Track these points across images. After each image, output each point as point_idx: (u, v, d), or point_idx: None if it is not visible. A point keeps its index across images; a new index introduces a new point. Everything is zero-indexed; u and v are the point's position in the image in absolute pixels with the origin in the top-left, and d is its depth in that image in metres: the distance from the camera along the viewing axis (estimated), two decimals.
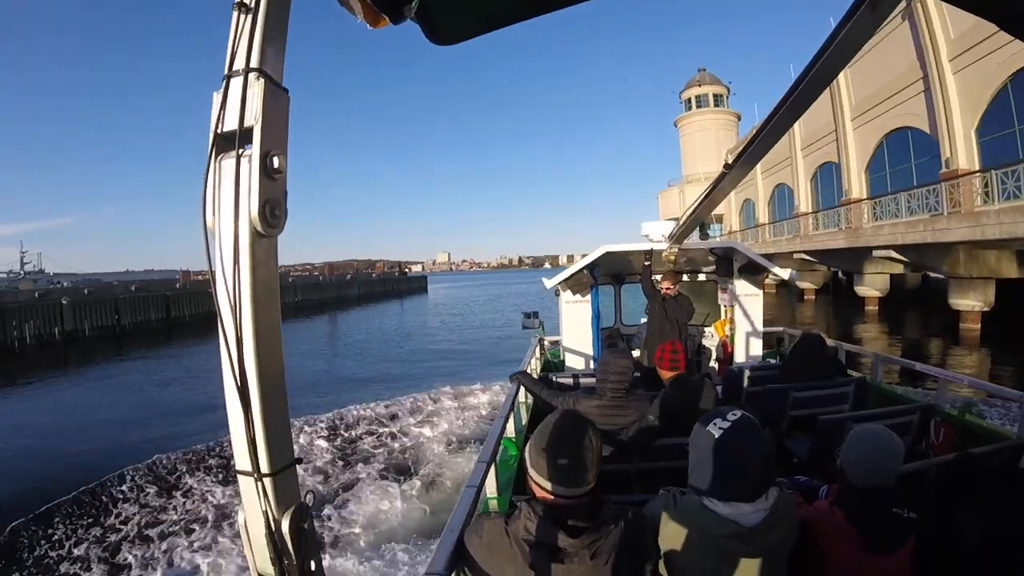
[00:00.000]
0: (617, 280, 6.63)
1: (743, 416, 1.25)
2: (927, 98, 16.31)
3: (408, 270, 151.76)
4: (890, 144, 19.24)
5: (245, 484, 0.75)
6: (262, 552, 0.76)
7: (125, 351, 21.23)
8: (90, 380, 15.34)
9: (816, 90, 1.46)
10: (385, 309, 42.21)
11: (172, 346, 22.63)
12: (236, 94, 0.71)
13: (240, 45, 0.71)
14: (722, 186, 2.55)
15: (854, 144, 21.17)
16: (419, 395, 10.33)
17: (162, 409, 11.21)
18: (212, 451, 7.64)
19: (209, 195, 0.74)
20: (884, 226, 16.69)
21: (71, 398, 13.05)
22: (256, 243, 0.72)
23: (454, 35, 1.03)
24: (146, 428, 9.64)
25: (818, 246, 20.92)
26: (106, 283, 43.54)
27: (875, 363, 4.17)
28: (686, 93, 45.17)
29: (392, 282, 70.53)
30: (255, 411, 0.73)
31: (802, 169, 26.69)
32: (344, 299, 49.14)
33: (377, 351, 19.02)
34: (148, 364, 17.77)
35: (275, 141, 0.72)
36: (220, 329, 0.73)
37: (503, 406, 2.97)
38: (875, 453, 1.44)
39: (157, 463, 7.17)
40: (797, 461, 2.92)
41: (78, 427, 10.09)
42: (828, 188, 24.36)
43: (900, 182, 18.11)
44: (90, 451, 8.45)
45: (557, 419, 1.30)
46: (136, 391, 13.40)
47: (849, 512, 1.40)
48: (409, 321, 31.56)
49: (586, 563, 1.17)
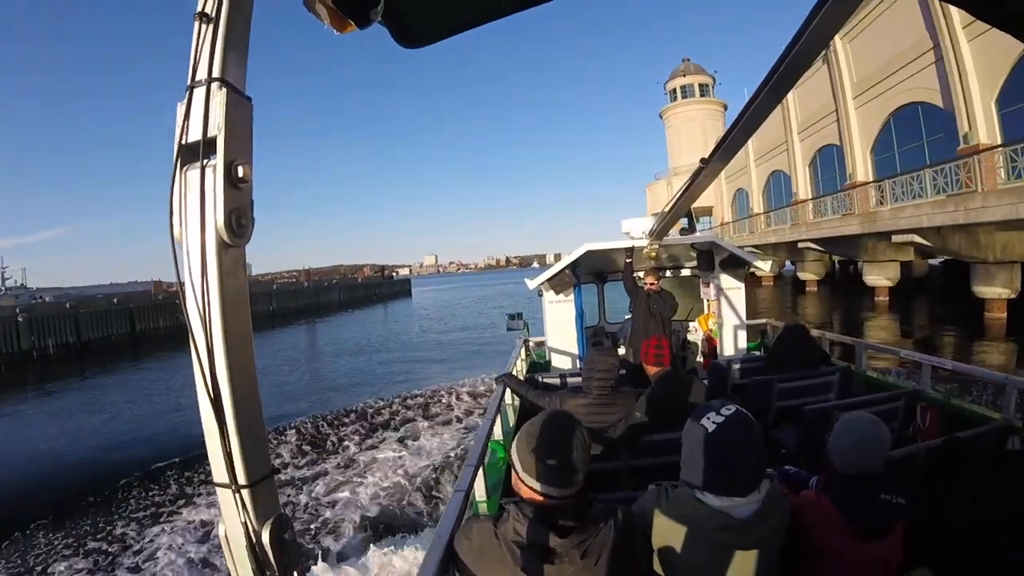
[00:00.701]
0: (600, 278, 6.91)
1: (737, 411, 1.32)
2: (939, 70, 15.94)
3: (395, 274, 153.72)
4: (898, 122, 18.98)
5: (224, 496, 0.79)
6: (244, 564, 0.80)
7: (88, 369, 20.96)
8: (44, 404, 15.17)
9: (793, 77, 1.55)
10: (366, 315, 42.38)
11: (140, 362, 22.40)
12: (199, 104, 0.75)
13: (202, 55, 0.75)
14: (700, 181, 2.69)
15: (857, 124, 21.06)
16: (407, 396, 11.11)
17: (117, 437, 11.00)
18: (183, 466, 7.85)
19: (176, 206, 0.77)
20: (906, 208, 15.96)
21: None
22: (223, 253, 0.76)
23: (423, 37, 1.07)
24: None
25: (826, 233, 20.50)
26: (88, 296, 43.53)
27: (859, 351, 4.38)
28: (671, 84, 46.20)
29: (375, 286, 70.75)
30: (229, 422, 0.77)
31: (799, 154, 26.64)
32: (323, 306, 49.47)
33: (350, 363, 18.81)
34: (107, 384, 17.59)
35: (239, 150, 0.76)
36: (191, 341, 0.76)
37: (489, 409, 3.06)
38: (862, 440, 1.51)
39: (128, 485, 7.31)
40: (785, 452, 3.06)
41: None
42: (829, 172, 24.28)
43: (910, 162, 17.85)
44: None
45: (546, 419, 1.36)
46: (97, 413, 13.18)
47: (837, 500, 1.48)
48: (387, 328, 31.48)
49: (576, 563, 1.23)
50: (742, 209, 36.55)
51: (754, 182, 33.23)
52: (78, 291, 57.14)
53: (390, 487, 6.81)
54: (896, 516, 1.47)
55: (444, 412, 10.12)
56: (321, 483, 7.15)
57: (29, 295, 50.01)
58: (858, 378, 4.03)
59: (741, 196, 36.75)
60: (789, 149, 27.34)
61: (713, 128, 42.30)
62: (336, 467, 7.75)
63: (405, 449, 8.19)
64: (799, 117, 26.05)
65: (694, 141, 41.76)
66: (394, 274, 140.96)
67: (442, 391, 11.44)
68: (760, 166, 32.30)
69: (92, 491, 7.25)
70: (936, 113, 16.79)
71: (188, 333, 0.76)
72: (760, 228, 29.53)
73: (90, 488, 7.33)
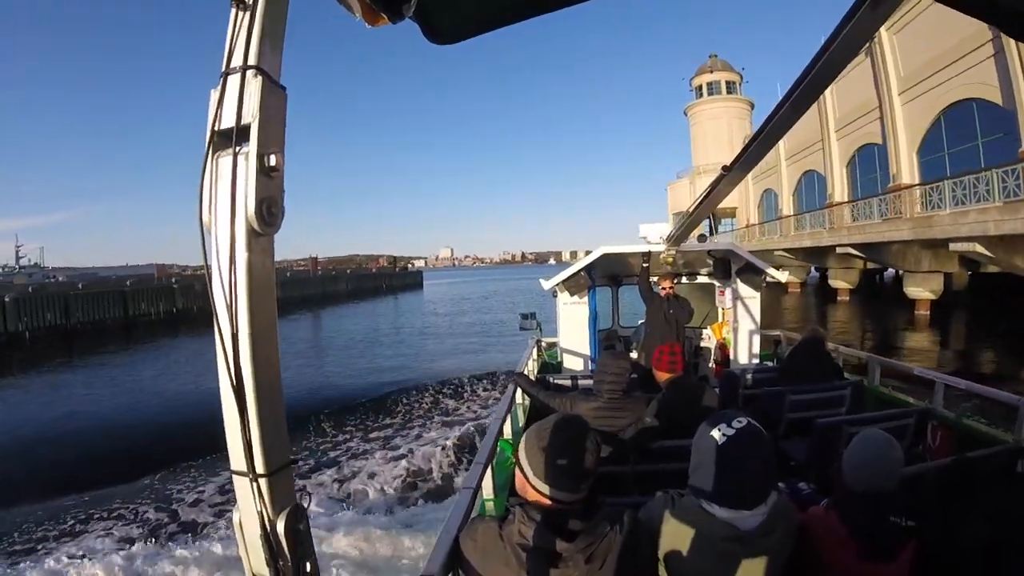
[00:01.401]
0: (615, 281, 7.18)
1: (748, 424, 1.36)
2: (999, 63, 15.43)
3: (411, 265, 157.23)
4: (949, 120, 18.45)
5: (240, 485, 0.83)
6: (257, 553, 0.85)
7: (76, 355, 21.44)
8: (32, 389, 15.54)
9: (819, 89, 1.60)
10: (373, 308, 43.18)
11: (131, 350, 22.84)
12: (234, 92, 0.79)
13: (238, 42, 0.79)
14: (720, 188, 2.76)
15: (903, 122, 20.64)
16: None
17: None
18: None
19: (206, 193, 0.82)
20: (969, 212, 14.91)
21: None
22: (252, 242, 0.80)
23: (453, 35, 1.11)
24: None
25: (871, 238, 19.61)
26: (102, 277, 45.65)
27: (871, 366, 4.51)
28: (697, 80, 46.72)
29: (385, 277, 72.31)
30: (251, 411, 0.81)
31: (836, 153, 26.16)
32: (330, 296, 50.65)
33: (346, 358, 18.98)
34: (95, 371, 17.97)
35: (272, 139, 0.80)
36: (216, 328, 0.80)
37: (500, 407, 3.19)
38: (874, 458, 1.57)
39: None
40: (794, 464, 3.15)
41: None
42: (869, 173, 23.84)
43: (961, 164, 17.36)
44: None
45: (558, 421, 1.41)
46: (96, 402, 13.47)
47: (845, 517, 1.53)
48: (391, 322, 31.81)
49: (581, 567, 1.28)
50: (769, 211, 36.26)
51: (784, 182, 32.86)
52: (91, 272, 61.37)
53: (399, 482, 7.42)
54: (905, 539, 1.50)
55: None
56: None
57: (43, 275, 54.03)
58: (870, 393, 4.18)
59: (769, 197, 36.47)
60: (825, 148, 26.95)
61: (740, 127, 42.53)
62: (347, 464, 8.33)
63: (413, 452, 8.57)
64: (837, 114, 25.57)
65: (719, 140, 42.04)
66: (409, 265, 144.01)
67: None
68: (792, 165, 31.90)
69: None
70: (994, 112, 16.17)
71: (214, 319, 0.81)
72: (791, 231, 29.19)
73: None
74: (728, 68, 46.21)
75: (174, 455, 8.44)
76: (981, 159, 16.74)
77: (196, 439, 7.76)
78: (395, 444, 8.98)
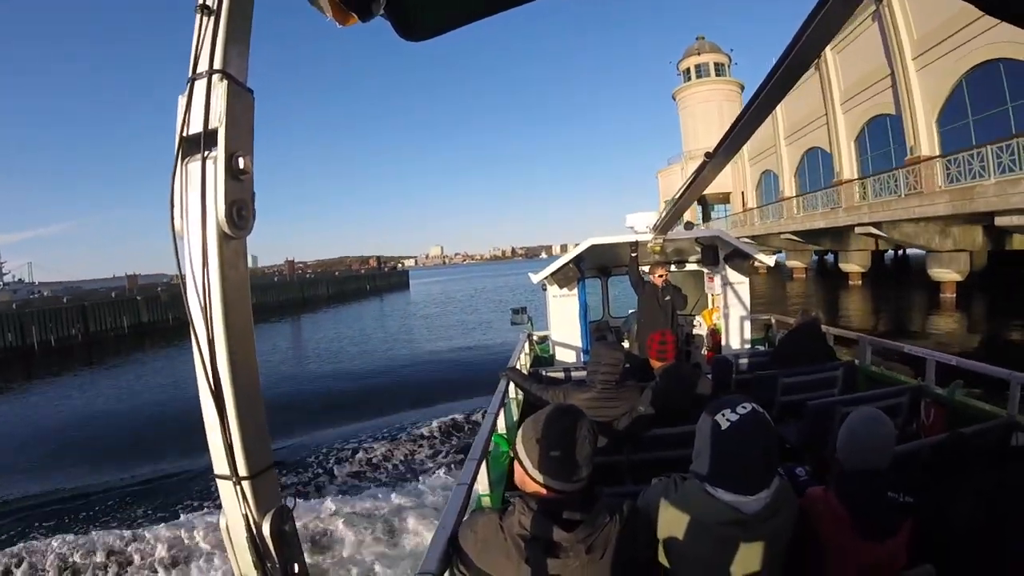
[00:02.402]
0: (604, 272, 7.54)
1: (753, 409, 1.45)
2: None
3: (400, 265, 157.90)
4: (972, 84, 18.18)
5: (224, 488, 0.90)
6: (244, 556, 0.91)
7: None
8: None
9: (803, 66, 1.68)
10: (352, 311, 43.51)
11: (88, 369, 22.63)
12: (200, 96, 0.85)
13: (203, 47, 0.85)
14: (704, 175, 2.89)
15: (919, 90, 20.44)
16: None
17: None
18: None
19: (177, 198, 0.88)
20: (1022, 180, 14.10)
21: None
22: (224, 245, 0.86)
23: (426, 30, 1.17)
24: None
25: (896, 216, 18.61)
26: (87, 290, 47.77)
27: (863, 346, 4.73)
28: (684, 63, 47.75)
29: (367, 279, 73.03)
30: (230, 414, 0.88)
31: (843, 128, 25.98)
32: (309, 301, 51.60)
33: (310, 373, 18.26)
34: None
35: (240, 142, 0.87)
36: (192, 332, 0.87)
37: (493, 402, 3.31)
38: (865, 436, 1.68)
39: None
40: (789, 447, 3.31)
41: None
42: (882, 147, 23.53)
43: (986, 133, 17.01)
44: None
45: (552, 411, 1.51)
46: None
47: (843, 497, 1.63)
48: (363, 331, 30.11)
49: (581, 557, 1.37)
50: (768, 193, 36.31)
51: (785, 162, 32.91)
52: (75, 285, 64.26)
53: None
54: (902, 516, 1.61)
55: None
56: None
57: (28, 290, 56.81)
58: (862, 373, 4.42)
59: (768, 179, 36.61)
60: (831, 123, 26.75)
61: (731, 109, 42.92)
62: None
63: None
64: (843, 85, 25.34)
65: (710, 123, 42.73)
66: (400, 265, 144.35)
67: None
68: (792, 144, 31.90)
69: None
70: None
71: (189, 324, 0.87)
72: (795, 213, 28.75)
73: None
74: (716, 50, 47.28)
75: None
76: (1012, 124, 16.38)
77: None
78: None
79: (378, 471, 8.40)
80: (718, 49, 47.39)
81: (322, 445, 9.46)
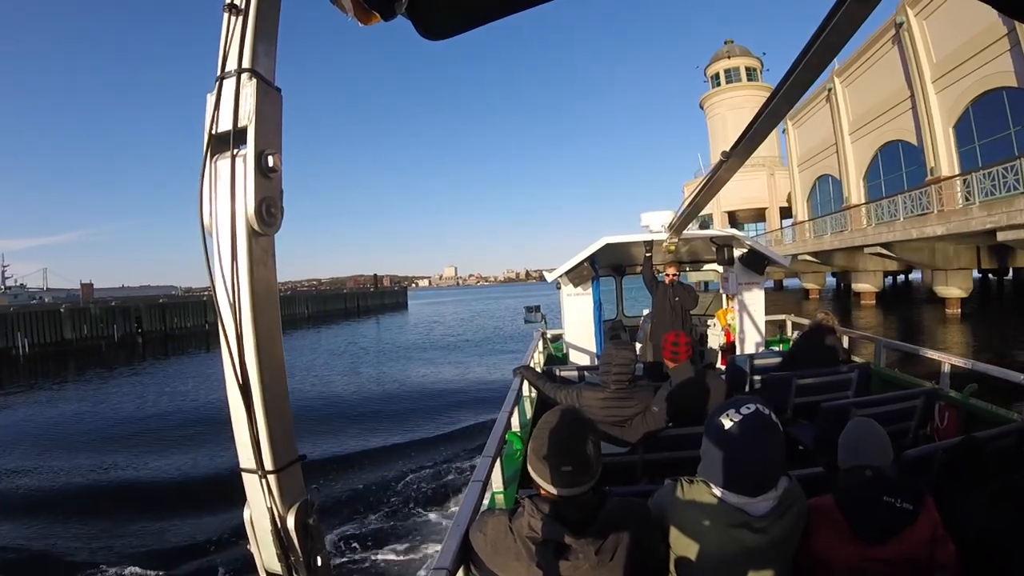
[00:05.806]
0: (618, 272, 7.60)
1: (757, 410, 1.46)
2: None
3: (414, 284, 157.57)
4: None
5: (249, 481, 0.91)
6: (268, 549, 0.93)
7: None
8: None
9: (822, 65, 1.69)
10: (335, 334, 40.13)
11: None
12: (229, 95, 0.87)
13: (232, 46, 0.87)
14: (720, 174, 2.91)
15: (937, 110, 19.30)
16: None
17: None
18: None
19: (206, 196, 0.90)
20: None
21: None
22: (253, 242, 0.87)
23: (447, 29, 1.18)
24: None
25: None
26: (97, 299, 47.19)
27: (878, 348, 4.75)
28: (712, 68, 45.39)
29: (358, 298, 70.25)
30: (257, 408, 0.89)
31: (937, 112, 20.40)
32: (286, 321, 48.34)
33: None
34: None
35: (269, 140, 0.88)
36: (220, 327, 0.88)
37: (506, 400, 3.33)
38: (858, 440, 1.72)
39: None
40: (802, 448, 3.35)
41: None
42: (995, 131, 18.11)
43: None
44: None
45: (555, 423, 1.51)
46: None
47: (839, 500, 1.65)
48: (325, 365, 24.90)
49: (591, 559, 1.38)
50: (824, 203, 31.88)
51: (851, 162, 27.96)
52: (75, 293, 61.87)
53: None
54: (901, 521, 1.60)
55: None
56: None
57: (28, 295, 58.18)
58: (876, 376, 4.43)
59: (825, 184, 32.48)
60: (922, 105, 21.08)
61: None
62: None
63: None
64: (938, 57, 19.80)
65: (741, 131, 41.58)
66: (414, 284, 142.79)
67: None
68: (860, 140, 26.85)
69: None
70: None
71: (218, 319, 0.89)
72: (864, 224, 23.29)
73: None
74: (747, 53, 44.96)
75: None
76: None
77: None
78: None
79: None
80: (749, 53, 45.08)
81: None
